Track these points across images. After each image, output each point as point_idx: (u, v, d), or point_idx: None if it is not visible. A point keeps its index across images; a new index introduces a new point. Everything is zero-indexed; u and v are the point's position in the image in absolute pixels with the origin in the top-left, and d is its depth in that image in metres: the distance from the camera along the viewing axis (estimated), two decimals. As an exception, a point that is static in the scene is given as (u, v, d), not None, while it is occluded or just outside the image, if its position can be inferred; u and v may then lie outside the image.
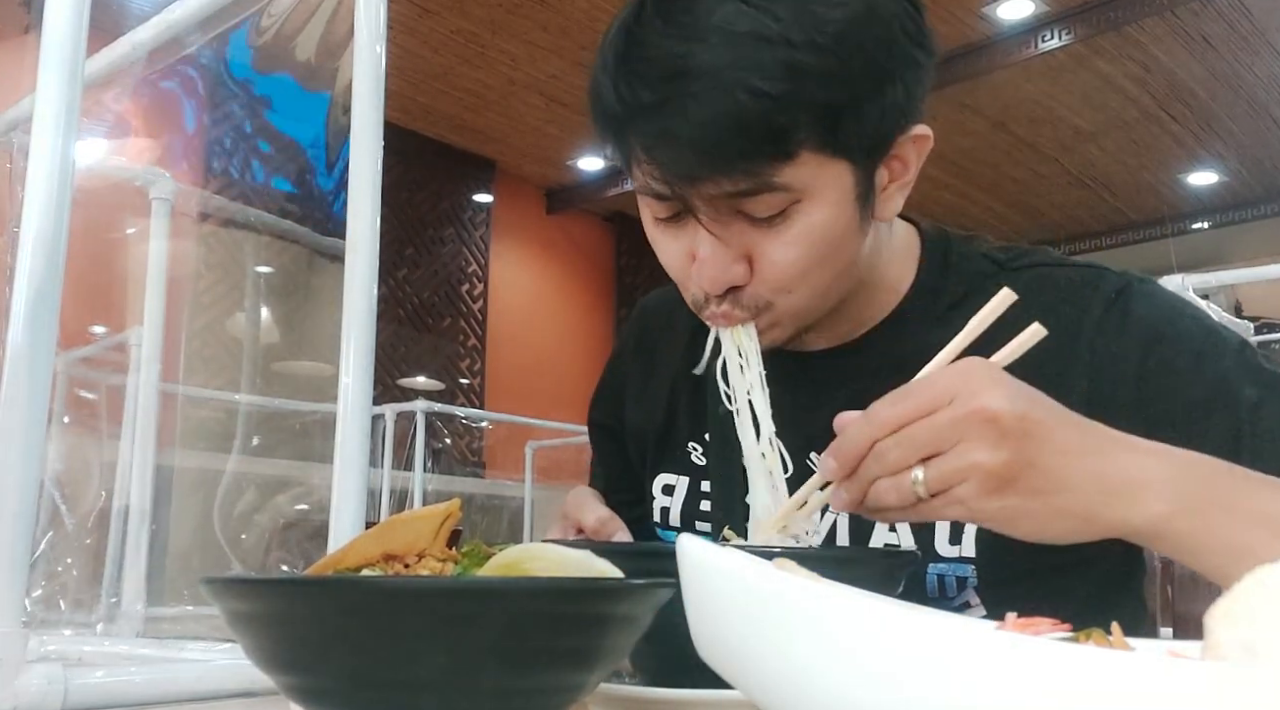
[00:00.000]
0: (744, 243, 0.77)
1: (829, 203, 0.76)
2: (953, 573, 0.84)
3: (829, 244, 0.78)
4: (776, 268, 0.77)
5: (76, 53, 0.71)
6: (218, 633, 0.90)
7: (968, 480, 0.61)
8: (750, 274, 0.78)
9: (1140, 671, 0.26)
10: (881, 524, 0.86)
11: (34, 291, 0.67)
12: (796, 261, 0.77)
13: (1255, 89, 6.33)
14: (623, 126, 0.77)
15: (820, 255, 0.78)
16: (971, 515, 0.63)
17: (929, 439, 0.62)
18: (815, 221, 0.76)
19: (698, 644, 0.40)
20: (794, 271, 0.78)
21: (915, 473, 0.62)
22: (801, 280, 0.79)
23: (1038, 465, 0.62)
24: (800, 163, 0.73)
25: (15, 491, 0.64)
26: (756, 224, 0.76)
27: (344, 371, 0.79)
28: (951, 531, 0.84)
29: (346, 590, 0.44)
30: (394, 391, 6.69)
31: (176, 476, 2.44)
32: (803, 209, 0.76)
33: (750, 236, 0.77)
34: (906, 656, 0.30)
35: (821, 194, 0.75)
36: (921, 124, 0.80)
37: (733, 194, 0.74)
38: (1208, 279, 3.16)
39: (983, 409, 0.61)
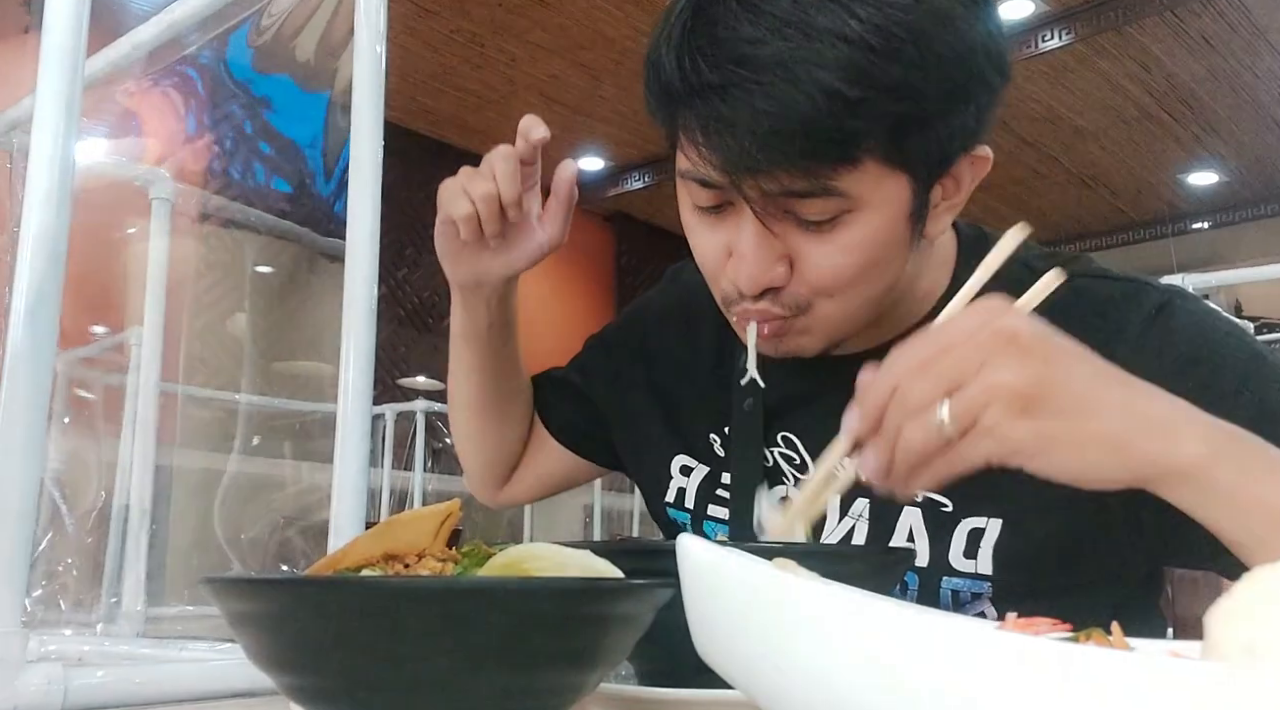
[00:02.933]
0: (789, 244, 0.75)
1: (883, 216, 0.74)
2: (968, 588, 0.82)
3: (876, 258, 0.75)
4: (820, 273, 0.75)
5: (76, 53, 0.71)
6: (218, 633, 0.90)
7: (993, 403, 0.57)
8: (790, 276, 0.76)
9: (1140, 671, 0.26)
10: (899, 535, 0.84)
11: (34, 291, 0.67)
12: (842, 270, 0.75)
13: (1256, 89, 6.33)
14: (679, 105, 0.74)
15: (866, 268, 0.75)
16: (1002, 446, 0.58)
17: (950, 369, 0.58)
18: (866, 233, 0.74)
19: (698, 644, 0.40)
20: (838, 279, 0.75)
21: (940, 409, 0.58)
22: (844, 289, 0.76)
23: (1066, 386, 0.58)
24: (862, 171, 0.71)
25: (15, 491, 0.64)
26: (805, 227, 0.74)
27: (344, 371, 0.79)
28: (968, 542, 0.82)
29: (346, 590, 0.44)
30: (394, 391, 6.69)
31: (177, 476, 2.44)
32: (856, 218, 0.73)
33: (796, 239, 0.74)
34: (906, 656, 0.30)
35: (877, 206, 0.73)
36: (984, 146, 0.78)
37: (787, 192, 0.71)
38: (1208, 279, 3.16)
39: (1002, 329, 0.58)
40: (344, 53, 0.88)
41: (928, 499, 0.84)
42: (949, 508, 0.83)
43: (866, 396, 0.62)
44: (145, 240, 1.83)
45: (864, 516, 0.87)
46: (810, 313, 0.77)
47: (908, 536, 0.84)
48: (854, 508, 0.87)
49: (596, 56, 6.20)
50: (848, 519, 0.87)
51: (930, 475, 0.61)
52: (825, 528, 0.88)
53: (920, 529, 0.84)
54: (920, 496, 0.84)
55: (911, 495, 0.62)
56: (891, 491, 0.63)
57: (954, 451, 0.59)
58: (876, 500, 0.86)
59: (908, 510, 0.84)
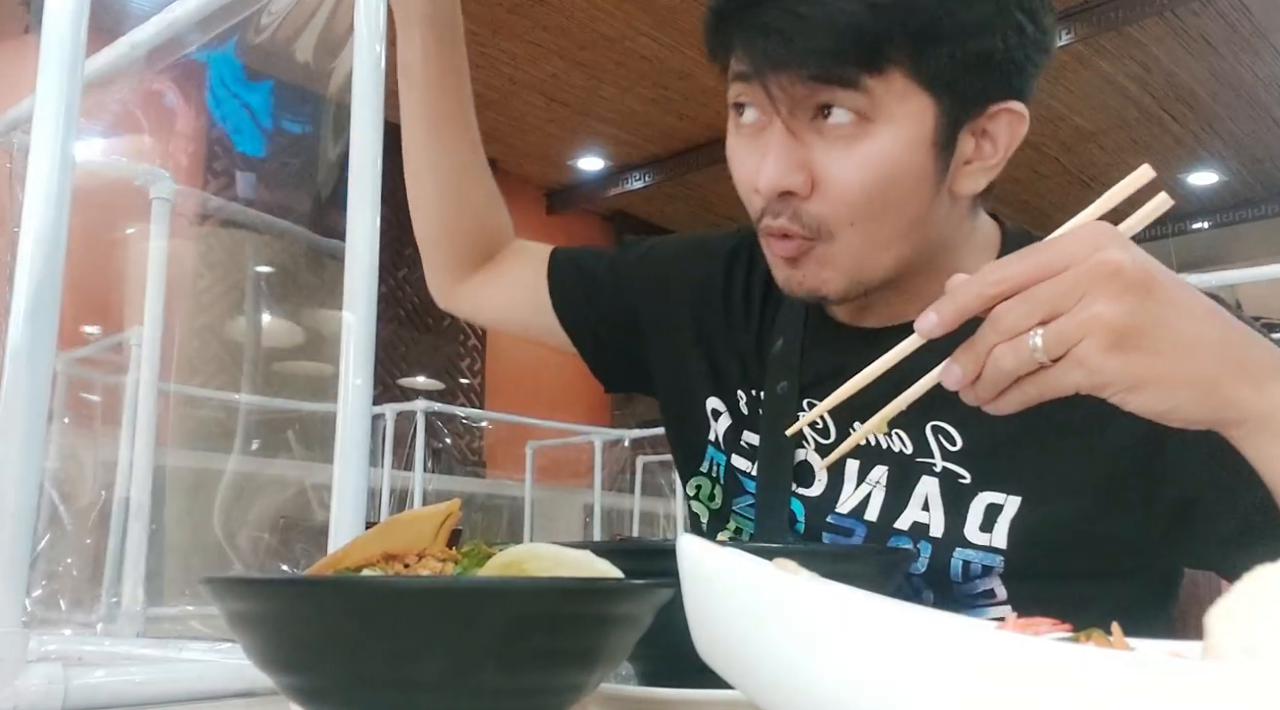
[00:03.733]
0: (812, 156, 0.77)
1: (904, 136, 0.76)
2: (979, 561, 0.83)
3: (895, 180, 0.77)
4: (838, 186, 0.77)
5: (76, 53, 0.71)
6: (218, 633, 0.90)
7: (1089, 336, 0.57)
8: (810, 190, 0.78)
9: (1140, 671, 0.26)
10: (914, 504, 0.85)
11: (34, 291, 0.67)
12: (858, 184, 0.77)
13: (1256, 89, 6.33)
14: (729, 24, 0.80)
15: (884, 188, 0.77)
16: (1092, 378, 0.58)
17: (1049, 298, 0.58)
18: (885, 149, 0.76)
19: (698, 644, 0.40)
20: (855, 194, 0.77)
21: (1034, 335, 0.58)
22: (861, 210, 0.78)
23: (1163, 323, 0.58)
24: (887, 81, 0.75)
25: (15, 491, 0.64)
26: (827, 139, 0.77)
27: (344, 371, 0.79)
28: (985, 517, 0.83)
29: (347, 590, 0.44)
30: (394, 391, 6.70)
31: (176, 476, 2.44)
32: (876, 132, 0.76)
33: (818, 151, 0.77)
34: (906, 656, 0.30)
35: (899, 124, 0.76)
36: (1019, 102, 0.80)
37: (814, 91, 0.75)
38: (1208, 279, 3.16)
39: (1105, 261, 0.57)
40: (343, 53, 0.88)
41: (946, 469, 0.84)
42: (967, 480, 0.84)
43: (956, 301, 0.61)
44: (145, 240, 1.83)
45: (881, 483, 0.87)
46: (831, 241, 0.79)
47: (923, 505, 0.85)
48: (872, 475, 0.88)
49: (596, 56, 6.20)
50: (865, 486, 0.88)
51: (1018, 397, 0.61)
52: (841, 494, 0.89)
53: (936, 499, 0.84)
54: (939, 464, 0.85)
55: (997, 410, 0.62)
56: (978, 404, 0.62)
57: (1044, 376, 0.59)
58: (894, 468, 0.87)
59: (925, 479, 0.85)
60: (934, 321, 0.61)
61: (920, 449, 0.86)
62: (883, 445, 0.88)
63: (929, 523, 0.84)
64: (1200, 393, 0.59)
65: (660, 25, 5.85)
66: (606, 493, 6.16)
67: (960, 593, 0.83)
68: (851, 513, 0.88)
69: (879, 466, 0.88)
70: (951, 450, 0.85)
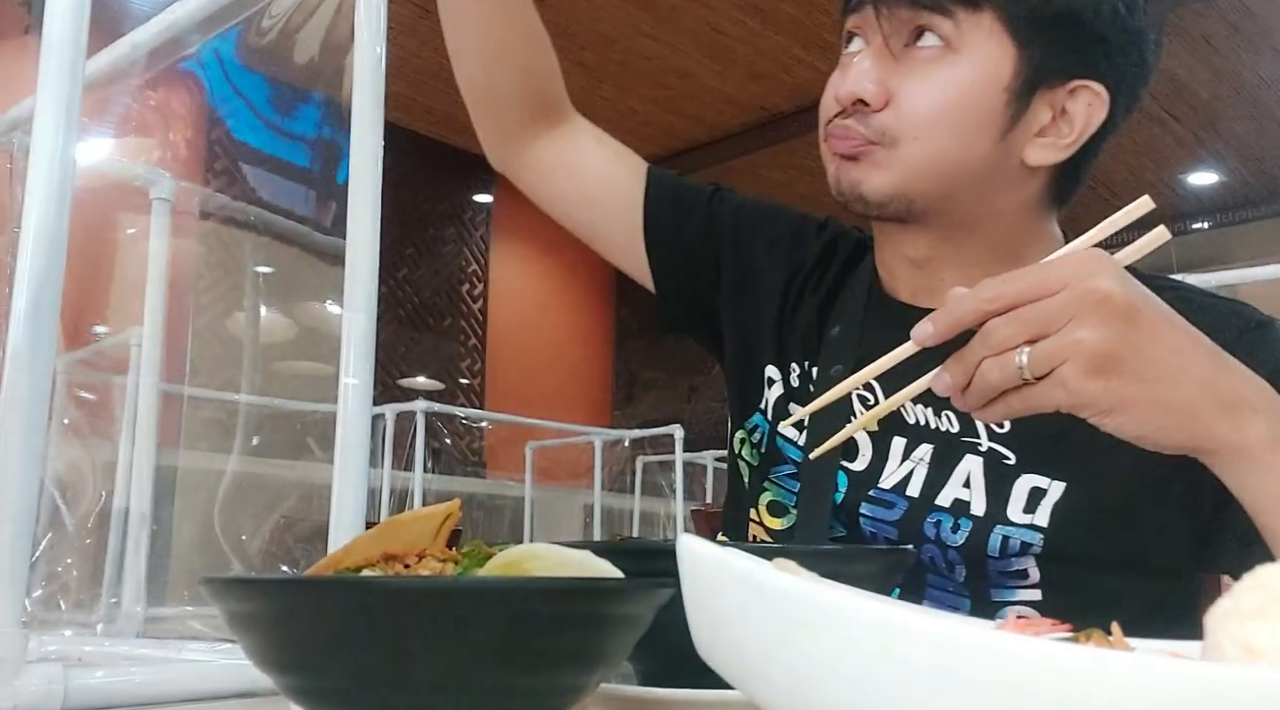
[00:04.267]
0: (894, 76, 0.84)
1: (981, 73, 0.82)
2: (1019, 537, 0.84)
3: (963, 110, 0.83)
4: (910, 101, 0.83)
5: (77, 53, 0.71)
6: (218, 633, 0.90)
7: (1071, 359, 0.60)
8: (884, 102, 0.84)
9: (1140, 672, 0.26)
10: (955, 481, 0.87)
11: (34, 291, 0.67)
12: (929, 102, 0.83)
13: (1257, 90, 6.33)
14: None
15: (952, 114, 0.83)
16: (1072, 399, 0.61)
17: (1037, 319, 0.61)
18: (961, 77, 0.82)
19: (698, 644, 0.40)
20: (924, 111, 0.83)
21: (1021, 353, 0.61)
22: (926, 127, 0.83)
23: (1145, 353, 0.61)
24: (977, 17, 0.81)
25: (15, 492, 0.64)
26: (913, 62, 0.83)
27: (344, 371, 0.79)
28: (1029, 499, 0.84)
29: (346, 590, 0.44)
30: (394, 391, 6.69)
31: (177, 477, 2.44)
32: (957, 62, 0.82)
33: (901, 73, 0.84)
34: (906, 657, 0.30)
35: (979, 60, 0.82)
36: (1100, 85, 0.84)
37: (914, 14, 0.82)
38: (1208, 279, 3.16)
39: (1095, 289, 0.60)
40: (345, 53, 0.88)
41: (991, 449, 0.87)
42: (1012, 461, 0.86)
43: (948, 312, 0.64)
44: (145, 240, 1.83)
45: (925, 461, 0.89)
46: (892, 147, 0.84)
47: (964, 482, 0.87)
48: (916, 452, 0.90)
49: (596, 56, 6.20)
50: (908, 463, 0.90)
51: (1003, 408, 0.64)
52: (885, 469, 0.91)
53: (979, 479, 0.86)
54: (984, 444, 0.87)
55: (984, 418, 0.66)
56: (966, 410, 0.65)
57: (1027, 392, 0.62)
58: (940, 446, 0.89)
59: (968, 457, 0.87)
60: (928, 332, 0.64)
61: (966, 428, 0.88)
62: (930, 424, 0.90)
63: (969, 500, 0.86)
64: (1177, 420, 0.62)
65: (661, 25, 5.85)
66: (606, 493, 6.16)
67: (994, 570, 0.85)
68: (893, 488, 0.90)
69: (924, 444, 0.90)
70: (998, 432, 0.87)
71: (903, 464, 0.90)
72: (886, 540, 0.90)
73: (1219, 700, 0.26)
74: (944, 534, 0.87)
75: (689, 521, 5.16)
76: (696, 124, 7.03)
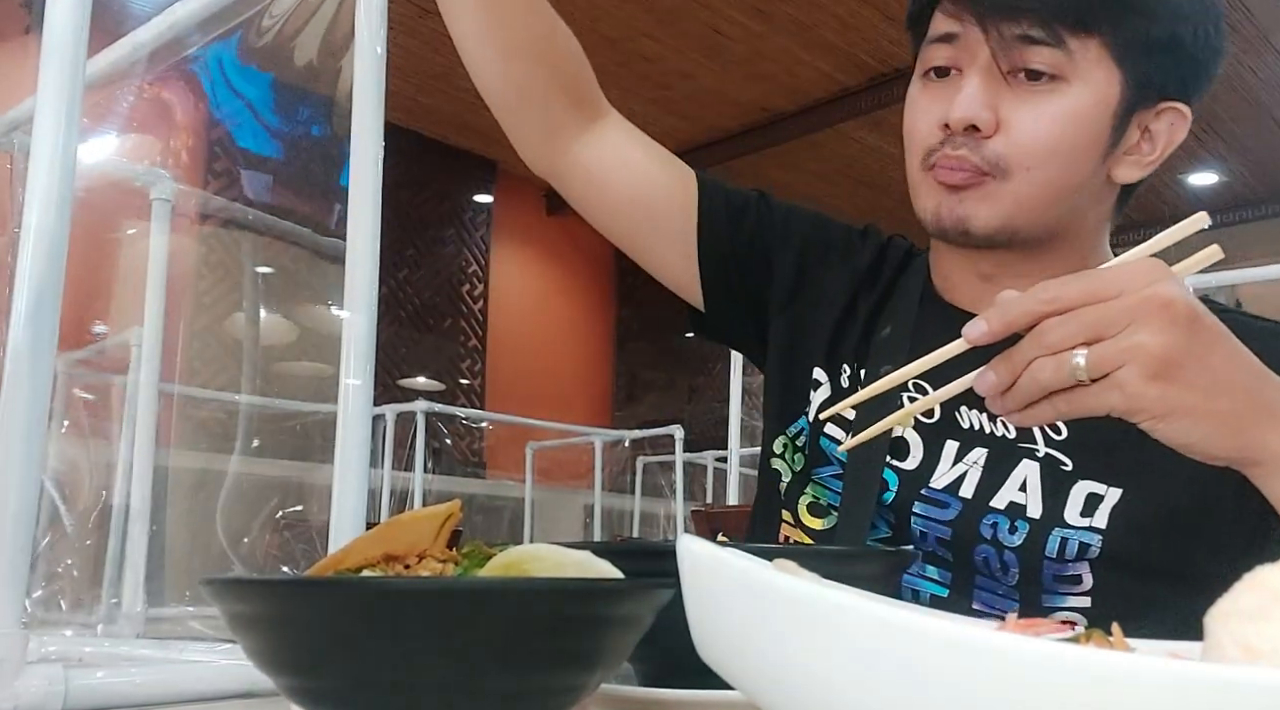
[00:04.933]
0: (1003, 102, 0.83)
1: (1091, 100, 0.83)
2: (1076, 538, 0.85)
3: (1076, 138, 0.83)
4: (1025, 131, 0.83)
5: (77, 53, 0.71)
6: (218, 633, 0.90)
7: (1132, 362, 0.60)
8: (995, 129, 0.83)
9: (1140, 672, 0.26)
10: (1011, 485, 0.87)
11: (34, 291, 0.67)
12: (1046, 132, 0.83)
13: (1257, 90, 6.33)
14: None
15: (1065, 144, 0.83)
16: (1129, 403, 0.61)
17: (1097, 321, 0.60)
18: (1074, 106, 0.83)
19: (698, 644, 0.40)
20: (1040, 140, 0.83)
21: (1078, 354, 0.60)
22: (1041, 156, 0.83)
23: (1202, 360, 0.61)
24: (1085, 45, 0.82)
25: (15, 491, 0.64)
26: (1021, 90, 0.83)
27: (344, 371, 0.79)
28: (1086, 504, 0.85)
29: (347, 591, 0.44)
30: (394, 391, 6.70)
31: (177, 477, 2.44)
32: (1068, 90, 0.82)
33: (1010, 99, 0.83)
34: (906, 657, 0.30)
35: (1090, 87, 0.83)
36: (1185, 105, 0.87)
37: (1025, 38, 0.81)
38: (1208, 279, 3.16)
39: (1157, 295, 0.60)
40: (345, 53, 0.88)
41: (1049, 455, 0.87)
42: (1069, 467, 0.86)
43: (1005, 313, 0.63)
44: (145, 240, 1.83)
45: (979, 464, 0.89)
46: (1005, 180, 0.84)
47: (1020, 486, 0.87)
48: (970, 456, 0.90)
49: (598, 57, 6.15)
50: (961, 465, 0.90)
51: (1049, 410, 0.63)
52: (937, 470, 0.90)
53: (1035, 484, 0.87)
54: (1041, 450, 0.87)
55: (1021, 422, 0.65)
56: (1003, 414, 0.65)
57: (1079, 394, 0.61)
58: (994, 451, 0.89)
59: (1025, 462, 0.87)
60: (982, 330, 0.63)
61: (1023, 435, 0.89)
62: (985, 429, 0.90)
63: (1025, 504, 0.86)
64: (1227, 429, 0.63)
65: (662, 26, 5.85)
66: (606, 493, 6.17)
67: (1049, 573, 0.85)
68: (946, 489, 0.90)
69: (978, 448, 0.90)
70: (1056, 439, 0.88)
71: (955, 466, 0.90)
72: (938, 540, 0.90)
73: (1219, 700, 0.26)
74: (1001, 535, 0.87)
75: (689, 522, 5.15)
76: (697, 124, 7.03)
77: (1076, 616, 0.85)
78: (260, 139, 5.99)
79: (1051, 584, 0.85)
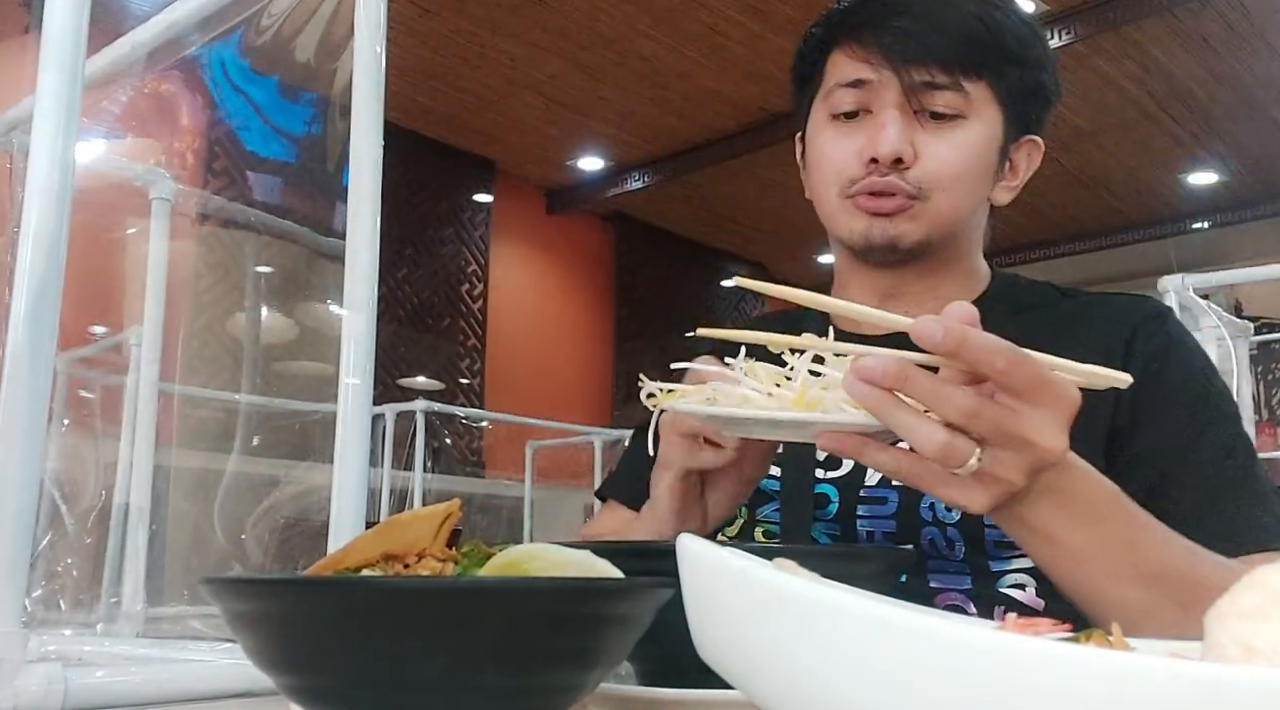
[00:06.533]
0: (916, 136, 0.95)
1: (985, 134, 0.96)
2: None
3: (977, 166, 0.97)
4: (939, 159, 0.95)
5: (76, 53, 0.71)
6: (218, 633, 0.90)
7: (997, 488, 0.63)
8: (915, 160, 0.95)
9: (1140, 672, 0.26)
10: None
11: (34, 291, 0.67)
12: (955, 161, 0.95)
13: (1254, 89, 6.33)
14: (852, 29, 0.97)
15: (968, 171, 0.96)
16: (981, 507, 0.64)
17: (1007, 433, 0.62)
18: (973, 139, 0.96)
19: (698, 644, 0.40)
20: (951, 168, 0.95)
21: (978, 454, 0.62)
22: (953, 180, 0.95)
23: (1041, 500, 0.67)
24: (979, 85, 0.95)
25: (15, 491, 0.64)
26: (929, 125, 0.95)
27: (344, 371, 0.79)
28: None
29: (346, 590, 0.44)
30: (394, 391, 6.69)
31: (176, 476, 2.44)
32: (968, 125, 0.95)
33: (921, 134, 0.95)
34: (906, 657, 0.30)
35: (983, 124, 0.96)
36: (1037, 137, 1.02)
37: (928, 84, 0.94)
38: (1208, 279, 3.16)
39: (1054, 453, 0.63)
40: (344, 53, 0.88)
41: None
42: None
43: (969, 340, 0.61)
44: (145, 240, 1.83)
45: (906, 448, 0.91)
46: (924, 200, 0.95)
47: None
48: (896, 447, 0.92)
49: (596, 56, 6.20)
50: None
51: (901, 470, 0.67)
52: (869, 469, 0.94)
53: None
54: None
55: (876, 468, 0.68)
56: None
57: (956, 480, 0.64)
58: None
59: None
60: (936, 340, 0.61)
61: None
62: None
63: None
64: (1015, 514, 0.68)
65: (660, 25, 5.85)
66: (606, 493, 6.14)
67: (991, 539, 0.90)
68: (880, 483, 0.94)
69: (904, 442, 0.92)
70: None
71: None
72: (886, 535, 0.93)
73: (1219, 700, 0.26)
74: (940, 513, 0.91)
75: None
76: (694, 124, 7.03)
77: (1025, 578, 0.90)
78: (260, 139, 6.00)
79: (994, 550, 0.90)
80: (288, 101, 5.63)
